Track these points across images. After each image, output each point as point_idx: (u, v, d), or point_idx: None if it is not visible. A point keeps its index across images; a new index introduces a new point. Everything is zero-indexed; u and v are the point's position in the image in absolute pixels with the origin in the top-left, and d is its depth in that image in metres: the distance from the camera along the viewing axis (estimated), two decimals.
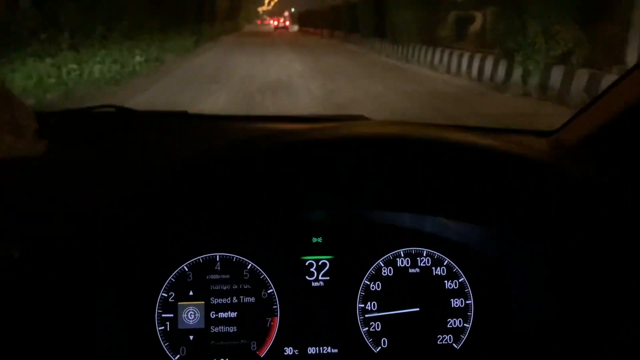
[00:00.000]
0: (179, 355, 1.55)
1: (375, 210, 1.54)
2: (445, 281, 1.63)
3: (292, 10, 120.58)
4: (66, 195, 1.40)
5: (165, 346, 1.55)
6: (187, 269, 1.57)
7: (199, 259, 1.58)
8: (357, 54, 26.78)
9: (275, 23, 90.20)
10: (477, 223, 1.52)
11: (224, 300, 1.58)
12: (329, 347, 1.60)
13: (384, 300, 1.61)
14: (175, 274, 1.57)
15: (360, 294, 1.61)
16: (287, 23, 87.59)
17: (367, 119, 2.03)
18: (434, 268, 1.63)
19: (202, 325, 1.56)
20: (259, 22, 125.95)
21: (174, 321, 1.56)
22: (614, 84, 1.50)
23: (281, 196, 1.47)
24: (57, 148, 1.56)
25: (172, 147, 1.65)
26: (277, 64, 20.39)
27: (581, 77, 11.83)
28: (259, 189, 1.39)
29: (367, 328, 1.61)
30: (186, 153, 1.39)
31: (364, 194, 1.47)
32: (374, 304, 1.61)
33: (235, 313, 1.58)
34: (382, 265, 1.63)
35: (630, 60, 11.34)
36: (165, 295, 1.56)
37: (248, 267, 1.59)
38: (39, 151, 1.55)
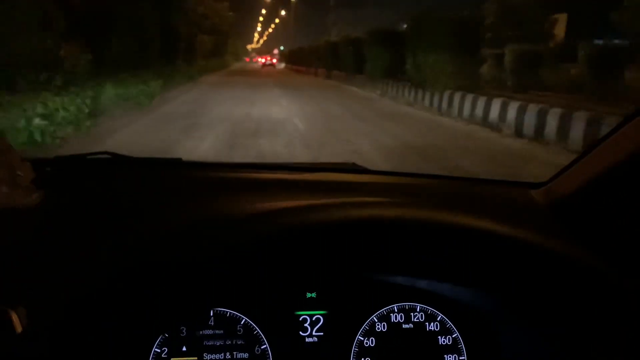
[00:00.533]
0: None
1: (370, 271, 1.56)
2: (439, 337, 1.64)
3: (281, 48, 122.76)
4: (61, 251, 1.40)
5: None
6: (180, 325, 1.56)
7: (192, 315, 1.57)
8: (369, 101, 21.01)
9: (263, 60, 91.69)
10: (469, 287, 1.55)
11: (217, 356, 1.56)
12: None
13: (378, 356, 1.61)
14: (168, 330, 1.55)
15: (354, 350, 1.61)
16: (274, 61, 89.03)
17: (357, 166, 2.08)
18: (427, 323, 1.64)
19: None
20: (247, 59, 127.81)
21: None
22: (611, 132, 1.44)
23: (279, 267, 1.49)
24: (52, 197, 1.57)
25: (165, 196, 1.66)
26: (268, 118, 14.73)
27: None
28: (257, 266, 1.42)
29: None
30: (180, 203, 1.42)
31: (360, 263, 1.50)
32: None
33: None
34: (376, 320, 1.63)
35: None
36: (158, 350, 1.54)
37: (242, 323, 1.59)
38: (35, 201, 1.55)
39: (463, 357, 1.63)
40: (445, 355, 1.63)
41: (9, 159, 1.54)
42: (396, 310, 1.64)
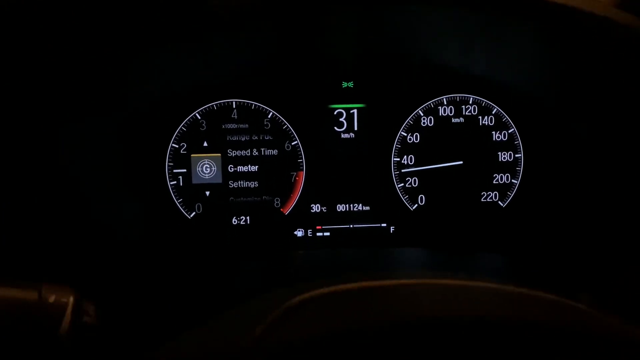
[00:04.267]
0: (194, 213, 1.40)
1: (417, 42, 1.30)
2: (493, 132, 1.43)
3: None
4: None
5: (179, 202, 1.39)
6: (199, 117, 1.37)
7: (212, 106, 1.37)
8: None
9: None
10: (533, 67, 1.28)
11: (243, 153, 1.39)
12: (360, 205, 1.44)
13: (423, 153, 1.43)
14: (186, 122, 1.37)
15: (396, 147, 1.42)
16: None
17: None
18: (480, 117, 1.43)
19: (220, 180, 1.39)
20: None
21: (187, 176, 1.39)
22: None
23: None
24: None
25: None
26: None
27: None
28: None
29: (402, 184, 1.44)
30: None
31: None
32: (410, 158, 1.43)
33: (256, 167, 1.40)
34: (422, 114, 1.42)
35: None
36: (176, 146, 1.38)
37: (269, 116, 1.39)
38: None
39: (519, 155, 1.44)
40: (500, 153, 1.43)
41: None
42: (445, 103, 1.42)
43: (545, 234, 1.42)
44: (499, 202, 1.45)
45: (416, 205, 1.44)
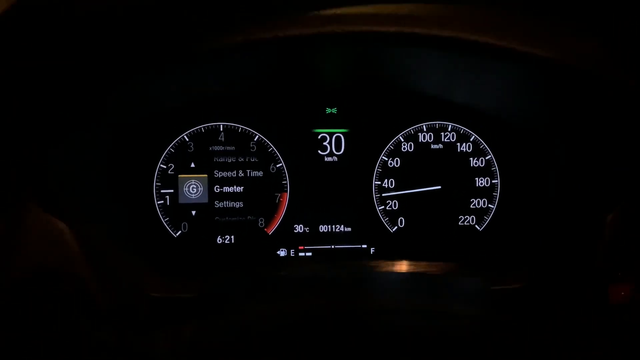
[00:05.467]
0: (180, 232, 1.44)
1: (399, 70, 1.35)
2: (471, 158, 1.49)
3: None
4: None
5: (165, 221, 1.43)
6: (187, 139, 1.42)
7: (200, 129, 1.42)
8: None
9: None
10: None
11: (229, 174, 1.44)
12: (342, 226, 1.49)
13: (403, 177, 1.48)
14: (174, 144, 1.42)
15: (377, 171, 1.48)
16: None
17: None
18: (458, 144, 1.48)
19: (206, 200, 1.44)
20: None
21: (174, 195, 1.43)
22: None
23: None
24: None
25: None
26: None
27: None
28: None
29: (383, 206, 1.49)
30: None
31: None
32: (391, 182, 1.48)
33: (242, 187, 1.44)
34: (402, 139, 1.48)
35: None
36: (164, 167, 1.42)
37: (255, 139, 1.44)
38: None
39: (496, 181, 1.49)
40: (477, 178, 1.49)
41: None
42: (425, 130, 1.48)
43: (521, 258, 1.47)
44: (476, 225, 1.50)
45: (396, 227, 1.49)
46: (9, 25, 0.76)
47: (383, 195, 1.48)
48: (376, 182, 1.48)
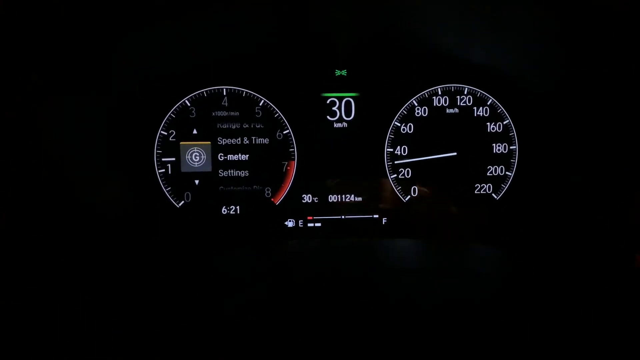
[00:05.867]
0: (183, 202, 1.37)
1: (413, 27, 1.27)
2: (488, 123, 1.41)
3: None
4: None
5: (167, 191, 1.36)
6: (189, 104, 1.34)
7: (202, 93, 1.35)
8: None
9: None
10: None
11: (233, 141, 1.37)
12: (352, 195, 1.42)
13: (416, 144, 1.41)
14: (175, 109, 1.34)
15: (389, 137, 1.40)
16: None
17: None
18: (475, 108, 1.41)
19: (209, 169, 1.37)
20: None
21: (176, 164, 1.36)
22: None
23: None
24: None
25: None
26: None
27: None
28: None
29: (395, 175, 1.42)
30: None
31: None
32: (404, 149, 1.41)
33: (247, 155, 1.37)
34: (416, 104, 1.40)
35: None
36: (165, 133, 1.35)
37: (260, 104, 1.36)
38: None
39: (514, 147, 1.42)
40: (494, 144, 1.41)
41: None
42: (440, 93, 1.40)
43: (539, 227, 1.40)
44: (493, 194, 1.43)
45: (409, 197, 1.42)
46: None
47: (395, 162, 1.41)
48: (388, 149, 1.40)
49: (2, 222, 0.98)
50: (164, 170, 1.35)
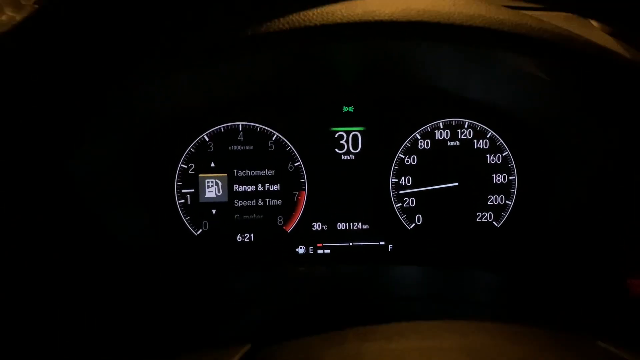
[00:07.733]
0: (201, 230, 1.47)
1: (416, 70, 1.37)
2: (488, 155, 1.49)
3: None
4: None
5: (186, 220, 1.46)
6: (207, 139, 1.45)
7: (220, 128, 1.45)
8: None
9: None
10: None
11: (248, 173, 1.46)
12: (360, 223, 1.50)
13: (420, 174, 1.49)
14: (195, 144, 1.45)
15: (394, 168, 1.49)
16: None
17: None
18: (475, 141, 1.49)
19: (225, 199, 1.46)
20: None
21: (195, 194, 1.46)
22: None
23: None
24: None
25: None
26: None
27: None
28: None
29: (400, 204, 1.50)
30: None
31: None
32: (408, 179, 1.49)
33: (261, 186, 1.47)
34: (419, 137, 1.49)
35: None
36: (185, 166, 1.45)
37: (273, 138, 1.46)
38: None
39: (513, 177, 1.50)
40: (494, 175, 1.49)
41: None
42: (441, 127, 1.49)
43: (538, 254, 1.47)
44: (494, 222, 1.50)
45: (414, 224, 1.50)
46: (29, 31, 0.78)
47: (400, 192, 1.49)
48: (393, 180, 1.49)
49: (32, 252, 1.08)
50: (183, 200, 1.45)
